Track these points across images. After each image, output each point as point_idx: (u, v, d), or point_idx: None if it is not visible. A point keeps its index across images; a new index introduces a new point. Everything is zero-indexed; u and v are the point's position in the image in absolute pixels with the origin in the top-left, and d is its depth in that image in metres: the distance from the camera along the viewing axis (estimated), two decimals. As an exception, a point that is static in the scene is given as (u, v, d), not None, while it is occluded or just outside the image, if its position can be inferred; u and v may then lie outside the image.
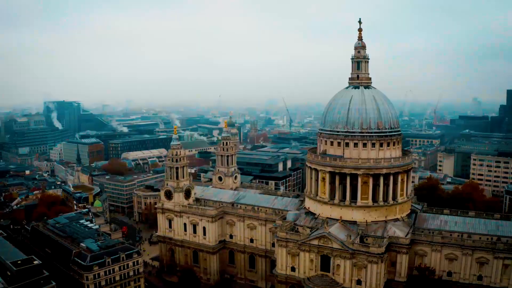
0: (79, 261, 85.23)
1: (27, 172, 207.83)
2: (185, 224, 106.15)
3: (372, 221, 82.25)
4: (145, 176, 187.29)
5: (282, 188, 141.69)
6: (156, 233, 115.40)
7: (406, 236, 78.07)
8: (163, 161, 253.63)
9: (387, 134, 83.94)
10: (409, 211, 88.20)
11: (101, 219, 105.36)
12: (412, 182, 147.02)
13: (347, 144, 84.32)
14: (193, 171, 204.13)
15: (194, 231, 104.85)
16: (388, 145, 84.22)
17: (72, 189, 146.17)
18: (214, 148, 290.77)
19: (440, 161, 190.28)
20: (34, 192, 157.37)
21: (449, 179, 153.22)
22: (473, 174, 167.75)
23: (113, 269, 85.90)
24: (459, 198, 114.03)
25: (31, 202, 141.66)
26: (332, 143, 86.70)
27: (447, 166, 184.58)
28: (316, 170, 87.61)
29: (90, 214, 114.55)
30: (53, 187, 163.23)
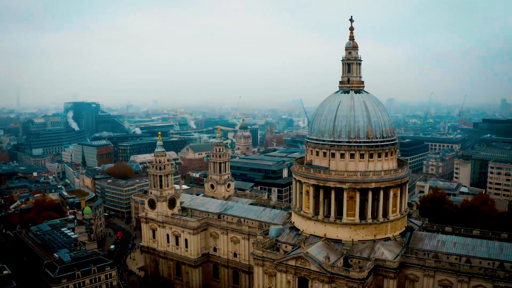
0: (49, 272, 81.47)
1: (35, 174, 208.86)
2: (167, 235, 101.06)
3: (359, 240, 74.38)
4: (146, 180, 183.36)
5: (273, 197, 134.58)
6: (141, 243, 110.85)
7: (395, 258, 69.93)
8: (172, 163, 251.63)
9: (378, 144, 75.83)
10: (404, 228, 79.73)
11: (82, 228, 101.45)
12: (422, 192, 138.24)
13: (333, 155, 76.79)
14: (197, 175, 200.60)
15: (177, 243, 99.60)
16: (379, 156, 76.12)
17: (66, 193, 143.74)
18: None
19: (457, 169, 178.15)
20: (35, 196, 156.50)
21: (463, 189, 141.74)
22: (490, 183, 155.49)
23: (84, 282, 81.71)
24: (468, 212, 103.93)
25: (26, 206, 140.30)
26: (317, 154, 79.33)
27: (464, 174, 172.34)
28: (300, 182, 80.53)
29: (75, 221, 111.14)
30: (53, 191, 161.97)
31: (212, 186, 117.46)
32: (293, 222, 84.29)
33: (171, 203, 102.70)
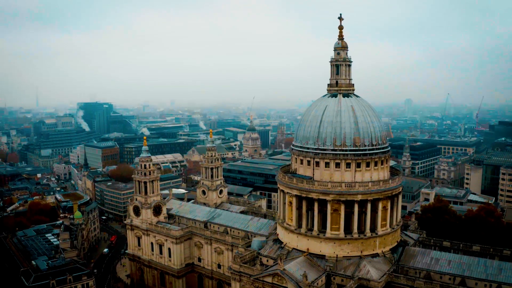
0: (24, 280, 78.73)
1: (39, 175, 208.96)
2: (152, 244, 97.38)
3: (344, 256, 68.87)
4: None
5: (263, 205, 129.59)
6: (126, 250, 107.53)
7: (381, 277, 64.18)
8: (176, 166, 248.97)
9: (366, 152, 70.14)
10: (395, 243, 73.76)
11: (66, 234, 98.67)
12: (427, 200, 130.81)
13: (317, 164, 71.48)
14: (198, 178, 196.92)
15: (161, 252, 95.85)
16: (367, 166, 70.40)
17: (60, 197, 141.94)
18: (232, 153, 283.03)
19: (467, 174, 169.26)
20: (34, 198, 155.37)
21: (472, 197, 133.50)
22: (502, 190, 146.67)
23: (58, 292, 78.46)
24: (472, 223, 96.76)
25: (24, 208, 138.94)
26: (301, 162, 74.14)
27: (475, 180, 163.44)
28: (284, 192, 75.47)
29: (62, 226, 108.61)
30: (51, 193, 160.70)
31: (204, 192, 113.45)
32: (278, 234, 79.30)
33: (156, 210, 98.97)
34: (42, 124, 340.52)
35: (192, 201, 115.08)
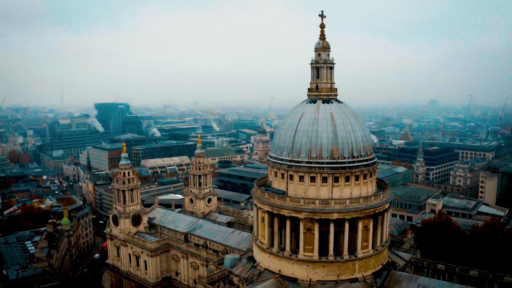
0: (-10, 292, 75.38)
1: (44, 177, 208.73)
2: (130, 255, 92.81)
3: (318, 281, 61.92)
4: (147, 187, 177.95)
5: (249, 215, 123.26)
6: (106, 260, 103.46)
7: (356, 308, 57.17)
8: (183, 169, 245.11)
9: (346, 165, 63.00)
10: (380, 266, 66.20)
11: (45, 242, 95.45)
12: (433, 211, 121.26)
13: (291, 177, 64.86)
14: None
15: (138, 264, 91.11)
16: (346, 180, 63.24)
17: (52, 202, 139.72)
18: (241, 156, 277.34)
19: (482, 182, 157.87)
20: (33, 201, 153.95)
21: (484, 208, 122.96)
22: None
23: (22, 306, 74.82)
24: (477, 241, 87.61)
25: (18, 212, 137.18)
26: (276, 174, 67.71)
27: (489, 189, 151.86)
28: (257, 207, 69.20)
29: (45, 233, 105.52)
30: (50, 197, 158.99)
31: (192, 201, 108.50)
32: (252, 252, 73.06)
33: (136, 220, 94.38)
34: (56, 125, 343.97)
35: (179, 209, 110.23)
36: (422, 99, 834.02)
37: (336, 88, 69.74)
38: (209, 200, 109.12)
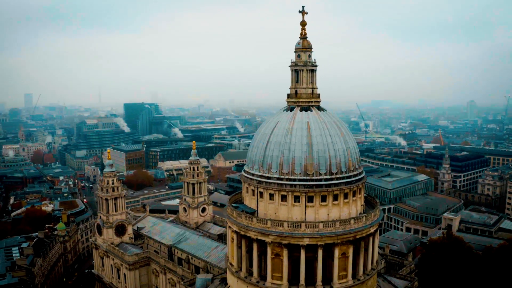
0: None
1: (61, 178, 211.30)
2: (112, 266, 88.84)
3: (287, 313, 54.82)
4: (156, 191, 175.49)
5: None
6: (92, 270, 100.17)
7: None
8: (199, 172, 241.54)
9: (322, 183, 55.27)
10: (364, 298, 58.10)
11: (30, 249, 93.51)
12: (450, 225, 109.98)
13: (261, 194, 57.86)
14: (212, 187, 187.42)
15: (118, 276, 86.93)
16: (323, 200, 55.47)
17: (53, 205, 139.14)
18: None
19: (510, 193, 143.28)
20: (42, 203, 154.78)
21: (506, 224, 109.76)
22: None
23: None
24: (490, 264, 77.07)
25: (21, 215, 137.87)
26: (247, 190, 60.96)
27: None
28: (228, 225, 62.78)
29: (35, 240, 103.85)
30: (58, 199, 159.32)
31: (185, 210, 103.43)
32: (227, 273, 66.69)
33: (119, 230, 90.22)
34: (83, 125, 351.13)
35: (171, 218, 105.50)
36: (461, 100, 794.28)
37: (319, 94, 62.02)
38: (203, 210, 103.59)
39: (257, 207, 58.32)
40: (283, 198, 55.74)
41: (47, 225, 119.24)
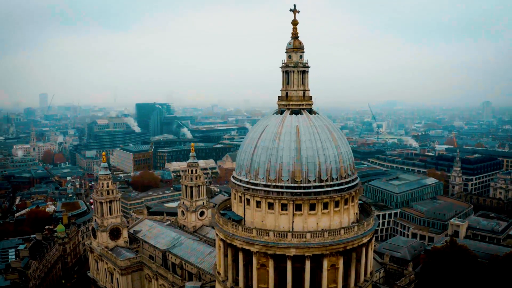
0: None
1: (68, 178, 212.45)
2: (105, 270, 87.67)
3: (273, 327, 52.39)
4: (160, 193, 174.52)
5: None
6: (87, 273, 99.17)
7: None
8: (207, 173, 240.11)
9: (310, 190, 52.68)
10: (356, 311, 55.28)
11: (26, 251, 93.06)
12: (457, 232, 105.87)
13: (248, 202, 55.60)
14: (217, 189, 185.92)
15: (112, 281, 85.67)
16: (312, 209, 52.91)
17: (54, 206, 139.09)
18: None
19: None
20: (47, 203, 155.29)
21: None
22: None
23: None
24: (495, 275, 73.23)
25: (23, 216, 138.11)
26: (235, 197, 58.76)
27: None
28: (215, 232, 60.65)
29: (32, 242, 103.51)
30: (63, 200, 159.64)
31: (183, 213, 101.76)
32: (216, 281, 64.58)
33: (114, 233, 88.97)
34: (94, 125, 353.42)
35: (169, 222, 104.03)
36: (477, 100, 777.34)
37: (311, 97, 59.42)
38: (202, 213, 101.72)
39: (244, 215, 56.08)
40: (270, 206, 53.37)
41: (47, 227, 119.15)
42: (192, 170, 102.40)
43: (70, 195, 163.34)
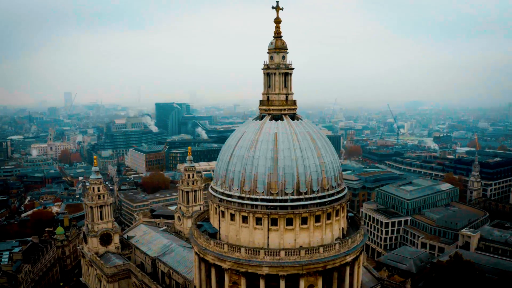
0: None
1: (80, 178, 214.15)
2: (95, 276, 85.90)
3: None
4: (168, 195, 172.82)
5: None
6: (80, 278, 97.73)
7: None
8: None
9: (287, 204, 48.68)
10: (338, 335, 50.91)
11: (19, 255, 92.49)
12: (467, 243, 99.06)
13: (222, 214, 52.10)
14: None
15: (101, 287, 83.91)
16: (289, 224, 48.91)
17: (57, 208, 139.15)
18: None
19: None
20: (55, 204, 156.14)
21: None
22: None
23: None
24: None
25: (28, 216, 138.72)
26: (211, 208, 55.35)
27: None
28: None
29: (28, 244, 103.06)
30: (70, 201, 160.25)
31: (179, 219, 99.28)
32: (195, 295, 61.38)
33: (104, 239, 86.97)
34: (112, 124, 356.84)
35: (164, 227, 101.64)
36: (503, 101, 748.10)
37: (295, 101, 55.36)
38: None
39: (219, 228, 52.64)
40: (244, 219, 49.72)
41: (47, 229, 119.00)
42: (189, 175, 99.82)
43: (77, 196, 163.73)
